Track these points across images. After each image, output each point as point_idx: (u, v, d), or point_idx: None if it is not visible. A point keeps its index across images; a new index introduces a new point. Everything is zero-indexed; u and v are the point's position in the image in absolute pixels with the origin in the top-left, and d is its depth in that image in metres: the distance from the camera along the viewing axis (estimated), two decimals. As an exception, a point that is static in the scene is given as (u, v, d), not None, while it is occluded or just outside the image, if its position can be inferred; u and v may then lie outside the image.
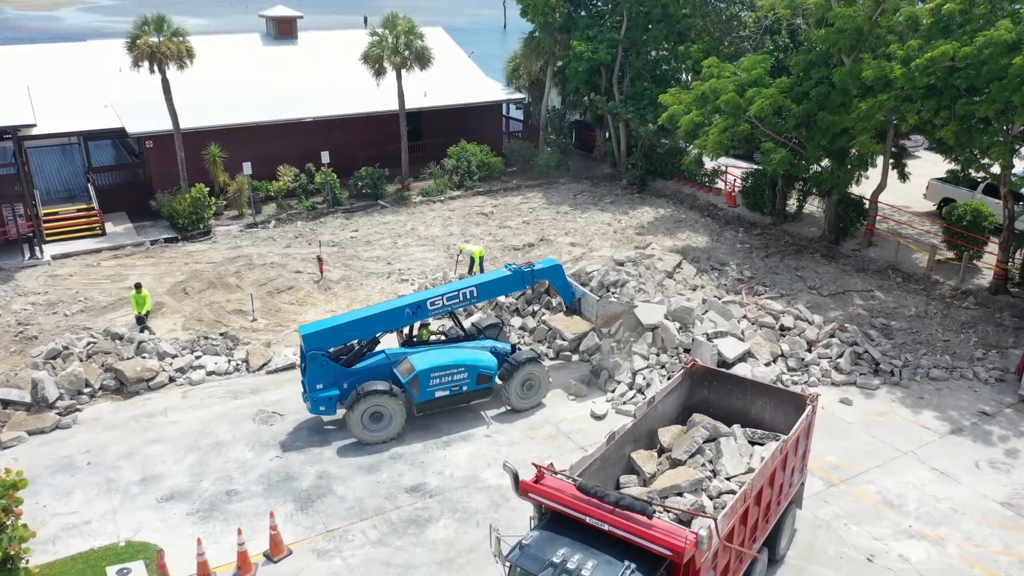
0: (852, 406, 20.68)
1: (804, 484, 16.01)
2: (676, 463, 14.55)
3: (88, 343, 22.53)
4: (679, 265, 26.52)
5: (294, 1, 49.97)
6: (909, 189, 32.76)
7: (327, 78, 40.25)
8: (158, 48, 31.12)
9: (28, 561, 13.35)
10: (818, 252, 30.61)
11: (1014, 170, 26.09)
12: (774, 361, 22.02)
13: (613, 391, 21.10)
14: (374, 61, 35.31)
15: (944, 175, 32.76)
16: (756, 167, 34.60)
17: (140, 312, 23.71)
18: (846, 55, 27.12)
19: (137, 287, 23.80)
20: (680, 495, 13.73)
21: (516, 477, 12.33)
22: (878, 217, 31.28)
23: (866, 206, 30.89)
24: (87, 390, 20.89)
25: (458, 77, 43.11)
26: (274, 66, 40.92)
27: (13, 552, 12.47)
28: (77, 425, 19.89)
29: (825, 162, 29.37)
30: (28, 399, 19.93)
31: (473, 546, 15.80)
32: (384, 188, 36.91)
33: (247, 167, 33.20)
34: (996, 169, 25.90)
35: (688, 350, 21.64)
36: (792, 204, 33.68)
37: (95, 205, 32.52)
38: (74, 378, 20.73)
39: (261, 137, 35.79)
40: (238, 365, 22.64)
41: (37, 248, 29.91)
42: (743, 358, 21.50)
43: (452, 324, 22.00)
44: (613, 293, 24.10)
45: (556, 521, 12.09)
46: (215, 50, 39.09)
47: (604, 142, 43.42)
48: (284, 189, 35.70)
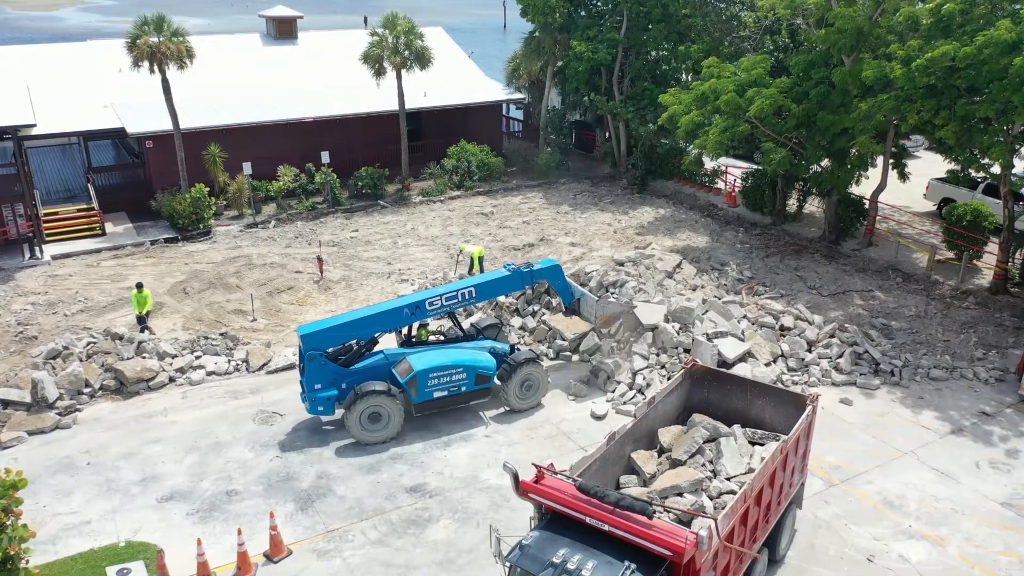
0: (852, 406, 20.68)
1: (804, 484, 16.01)
2: (676, 463, 14.55)
3: (88, 343, 22.54)
4: (679, 265, 26.51)
5: (294, 1, 49.98)
6: (909, 189, 32.76)
7: (327, 78, 40.24)
8: (158, 48, 31.12)
9: (28, 561, 13.33)
10: (818, 252, 30.60)
11: (1014, 170, 26.09)
12: (774, 361, 22.02)
13: (613, 391, 21.10)
14: (374, 61, 35.30)
15: (944, 175, 32.74)
16: (756, 167, 34.59)
17: (141, 312, 23.71)
18: (846, 55, 27.11)
19: (139, 287, 23.79)
20: (680, 495, 13.73)
21: (516, 477, 12.33)
22: (878, 217, 31.27)
23: (866, 206, 30.88)
24: (87, 390, 20.89)
25: (458, 77, 43.10)
26: (274, 66, 40.92)
27: (13, 552, 12.44)
28: (77, 425, 19.90)
29: (825, 162, 29.36)
30: (28, 399, 19.94)
31: (473, 546, 15.80)
32: (384, 188, 36.91)
33: (247, 167, 33.20)
34: (996, 169, 25.89)
35: (688, 350, 21.64)
36: (792, 204, 33.68)
37: (95, 205, 32.51)
38: (74, 378, 20.73)
39: (261, 137, 35.79)
40: (238, 365, 22.65)
41: (37, 248, 29.91)
42: (743, 358, 21.50)
43: (451, 324, 22.01)
44: (612, 293, 24.10)
45: (556, 521, 12.09)
46: (215, 50, 39.08)
47: (604, 142, 43.41)
48: (284, 189, 35.70)
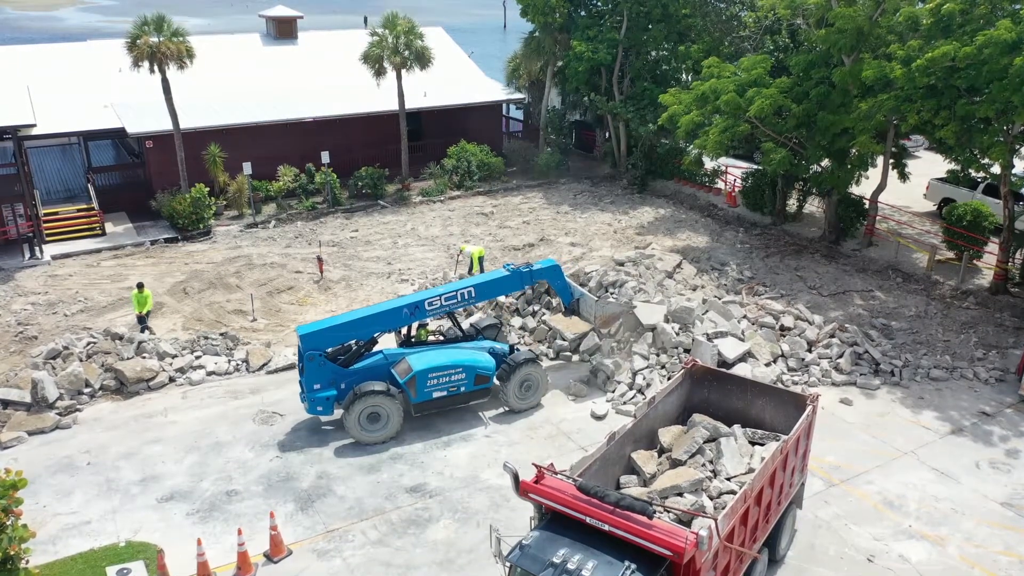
0: (852, 406, 20.68)
1: (804, 484, 16.00)
2: (676, 463, 14.55)
3: (88, 343, 22.53)
4: (679, 265, 26.51)
5: (294, 1, 49.98)
6: (909, 189, 32.76)
7: (327, 78, 40.24)
8: (158, 48, 31.11)
9: (28, 561, 13.32)
10: (818, 252, 30.60)
11: (1014, 170, 26.09)
12: (774, 361, 22.01)
13: (613, 391, 21.10)
14: (374, 61, 35.30)
15: (944, 175, 32.73)
16: (756, 167, 34.58)
17: (140, 312, 23.71)
18: (846, 55, 27.11)
19: (139, 287, 23.79)
20: (680, 495, 13.73)
21: (516, 477, 12.32)
22: (878, 217, 31.27)
23: (866, 206, 30.88)
24: (87, 390, 20.88)
25: (458, 77, 43.10)
26: (274, 66, 40.92)
27: (13, 552, 12.44)
28: (77, 425, 19.89)
29: (825, 162, 29.35)
30: (28, 399, 19.94)
31: (473, 546, 15.79)
32: (384, 188, 36.91)
33: (247, 167, 33.20)
34: (996, 169, 25.89)
35: (688, 350, 21.64)
36: (792, 204, 33.68)
37: (95, 205, 32.51)
38: (74, 378, 20.72)
39: (261, 137, 35.79)
40: (238, 365, 22.64)
41: (37, 248, 29.91)
42: (743, 358, 21.50)
43: (450, 324, 22.00)
44: (612, 294, 24.10)
45: (556, 521, 12.09)
46: (215, 50, 39.08)
47: (604, 142, 43.41)
48: (284, 189, 35.70)
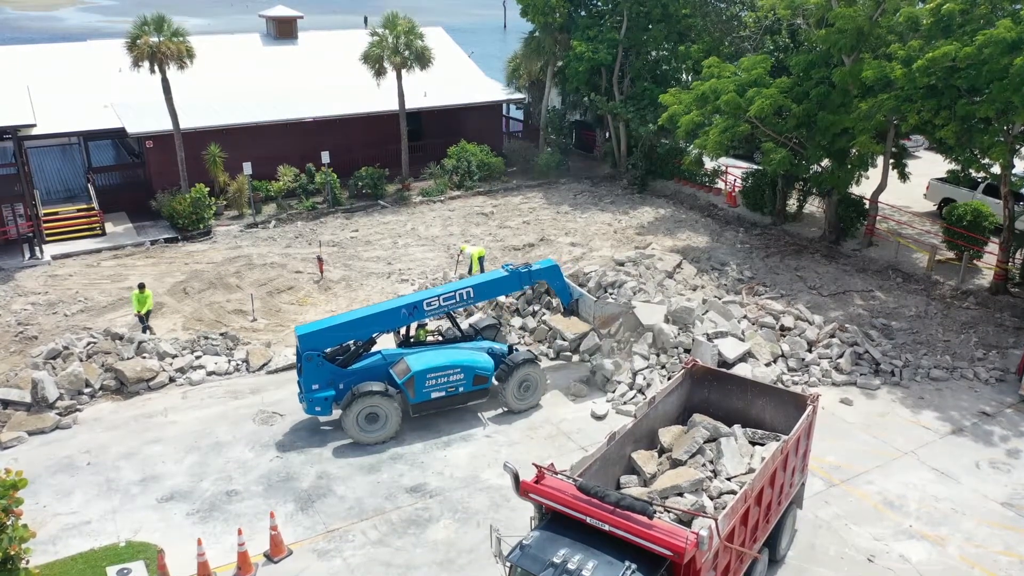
0: (852, 406, 20.68)
1: (805, 484, 16.00)
2: (677, 463, 14.55)
3: (88, 343, 22.52)
4: (679, 265, 26.51)
5: (294, 1, 49.98)
6: (909, 189, 32.75)
7: (327, 78, 40.24)
8: (158, 48, 31.11)
9: (28, 561, 13.33)
10: (818, 252, 30.60)
11: (1014, 170, 26.09)
12: (774, 361, 22.01)
13: (613, 391, 21.09)
14: (374, 61, 35.30)
15: (944, 175, 32.70)
16: (756, 167, 34.58)
17: (140, 311, 23.71)
18: (846, 55, 27.11)
19: (140, 287, 23.78)
20: (681, 495, 13.73)
21: (516, 477, 12.32)
22: (878, 217, 31.26)
23: (866, 206, 30.88)
24: (87, 390, 20.88)
25: (458, 77, 43.10)
26: (274, 66, 40.92)
27: (13, 552, 12.44)
28: (77, 425, 19.89)
29: (825, 162, 29.35)
30: (28, 399, 19.94)
31: (473, 546, 15.79)
32: (384, 188, 36.91)
33: (247, 167, 33.19)
34: (996, 169, 25.88)
35: (688, 350, 21.63)
36: (792, 204, 33.67)
37: (95, 205, 32.51)
38: (74, 378, 20.72)
39: (261, 137, 35.78)
40: (238, 365, 22.64)
41: (37, 248, 29.90)
42: (743, 358, 21.49)
43: (449, 325, 21.99)
44: (611, 294, 24.09)
45: (557, 521, 12.08)
46: (215, 50, 39.08)
47: (604, 142, 43.40)
48: (284, 189, 35.70)
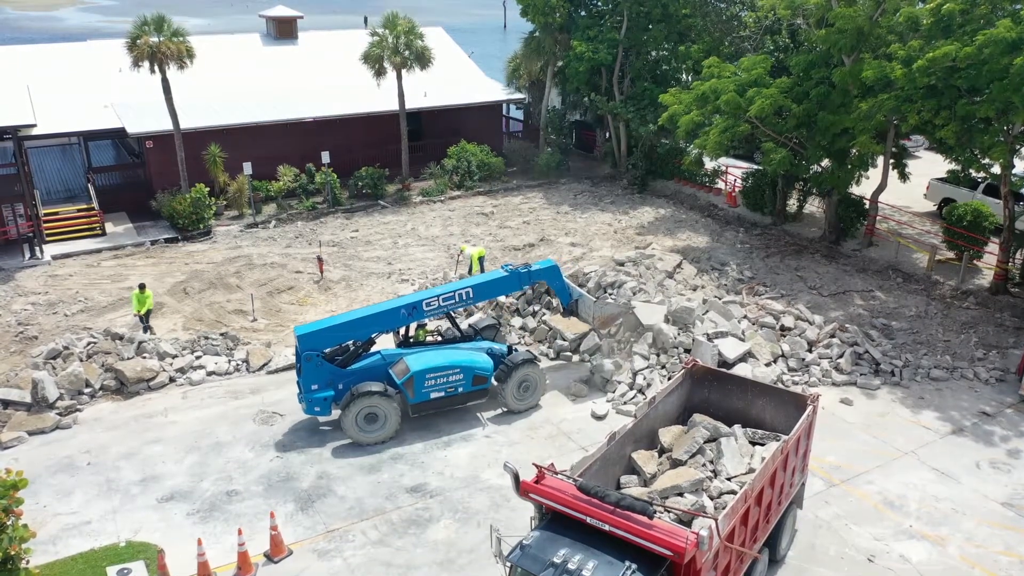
0: (853, 406, 20.68)
1: (805, 484, 16.00)
2: (677, 463, 14.55)
3: (88, 343, 22.52)
4: (679, 265, 26.51)
5: (294, 1, 49.98)
6: (909, 189, 32.75)
7: (327, 78, 40.24)
8: (158, 48, 31.11)
9: (28, 561, 13.33)
10: (818, 252, 30.59)
11: (1014, 170, 26.08)
12: (775, 361, 22.01)
13: (613, 391, 21.09)
14: (374, 61, 35.30)
15: (944, 175, 32.70)
16: (756, 167, 34.58)
17: (139, 311, 23.71)
18: (846, 55, 27.11)
19: (141, 287, 23.78)
20: (681, 495, 13.73)
21: (517, 477, 12.32)
22: (878, 217, 31.26)
23: (866, 206, 30.87)
24: (87, 390, 20.88)
25: (458, 77, 43.10)
26: (274, 66, 40.92)
27: (13, 552, 12.44)
28: (77, 425, 19.89)
29: (825, 162, 29.35)
30: (28, 399, 19.93)
31: (474, 546, 15.79)
32: (384, 188, 36.91)
33: (247, 167, 33.19)
34: (996, 169, 25.88)
35: (688, 350, 21.63)
36: (792, 204, 33.67)
37: (95, 205, 32.51)
38: (74, 378, 20.72)
39: (261, 137, 35.78)
40: (238, 365, 22.63)
41: (37, 248, 29.90)
42: (744, 358, 21.49)
43: (449, 325, 21.98)
44: (610, 294, 24.08)
45: (557, 521, 12.08)
46: (215, 50, 39.08)
47: (604, 142, 43.41)
48: (284, 189, 35.69)
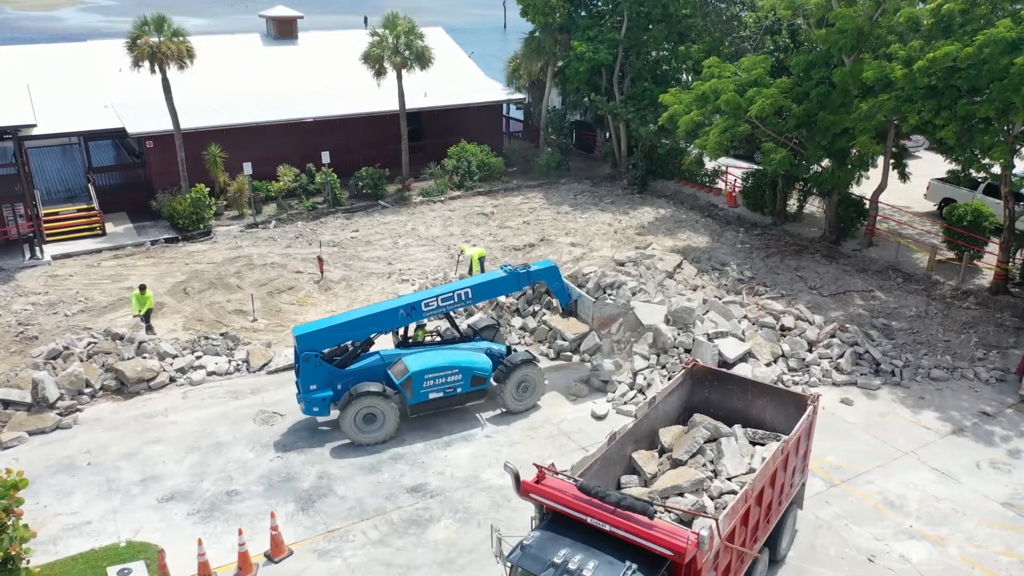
0: (853, 406, 20.68)
1: (805, 484, 16.00)
2: (677, 463, 14.55)
3: (88, 343, 22.52)
4: (680, 265, 26.51)
5: (294, 1, 49.98)
6: (909, 189, 32.75)
7: (327, 78, 40.24)
8: (158, 48, 31.11)
9: (29, 561, 13.32)
10: (819, 252, 30.59)
11: (1015, 170, 26.09)
12: (775, 361, 22.01)
13: (614, 391, 21.09)
14: (374, 61, 35.30)
15: (945, 175, 32.68)
16: (756, 167, 34.58)
17: (139, 312, 23.70)
18: (847, 55, 27.11)
19: (141, 288, 23.78)
20: (681, 495, 13.73)
21: (517, 477, 12.32)
22: (879, 217, 31.26)
23: (867, 206, 30.87)
24: (87, 390, 20.88)
25: (458, 77, 43.10)
26: (274, 66, 40.92)
27: (14, 552, 12.44)
28: (78, 425, 19.89)
29: (825, 162, 29.35)
30: (28, 399, 19.93)
31: (474, 546, 15.79)
32: (384, 188, 36.91)
33: (247, 167, 33.19)
34: (997, 169, 25.88)
35: (689, 350, 21.63)
36: (792, 204, 33.67)
37: (95, 205, 32.50)
38: (75, 378, 20.72)
39: (261, 137, 35.78)
40: (239, 365, 22.63)
41: (37, 248, 29.90)
42: (744, 358, 21.49)
43: (448, 325, 21.98)
44: (609, 295, 24.05)
45: (557, 521, 12.08)
46: (215, 50, 39.08)
47: (604, 142, 43.41)
48: (284, 189, 35.69)
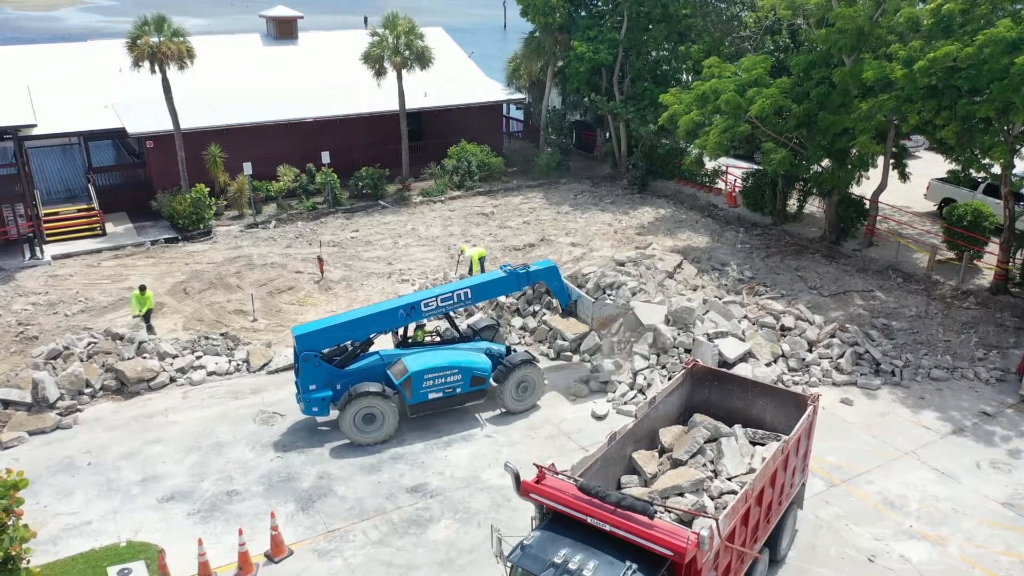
0: (853, 406, 20.68)
1: (805, 484, 16.00)
2: (677, 463, 14.55)
3: (89, 343, 22.52)
4: (680, 265, 26.51)
5: (294, 1, 49.98)
6: (910, 189, 32.75)
7: (327, 78, 40.24)
8: (158, 48, 31.11)
9: (29, 561, 13.33)
10: (819, 252, 30.59)
11: (1015, 170, 26.09)
12: (775, 361, 22.01)
13: (614, 391, 21.09)
14: (374, 61, 35.30)
15: (945, 175, 32.67)
16: (756, 167, 34.58)
17: (139, 313, 23.70)
18: (847, 55, 27.11)
19: (142, 289, 23.78)
20: (681, 495, 13.73)
21: (517, 477, 12.32)
22: (879, 217, 31.26)
23: (867, 206, 30.87)
24: (88, 390, 20.88)
25: (458, 77, 43.10)
26: (274, 66, 40.93)
27: (14, 552, 12.44)
28: (78, 425, 19.89)
29: (825, 162, 29.35)
30: (29, 399, 19.93)
31: (474, 546, 15.79)
32: (384, 188, 36.91)
33: (247, 167, 33.19)
34: (997, 169, 25.88)
35: (689, 350, 21.63)
36: (792, 204, 33.67)
37: (95, 205, 32.51)
38: (75, 378, 20.72)
39: (261, 137, 35.78)
40: (239, 365, 22.64)
41: (37, 248, 29.90)
42: (744, 358, 21.49)
43: (448, 325, 21.97)
44: (609, 295, 24.05)
45: (557, 521, 12.08)
46: (215, 50, 39.09)
47: (605, 142, 43.41)
48: (284, 189, 35.69)
